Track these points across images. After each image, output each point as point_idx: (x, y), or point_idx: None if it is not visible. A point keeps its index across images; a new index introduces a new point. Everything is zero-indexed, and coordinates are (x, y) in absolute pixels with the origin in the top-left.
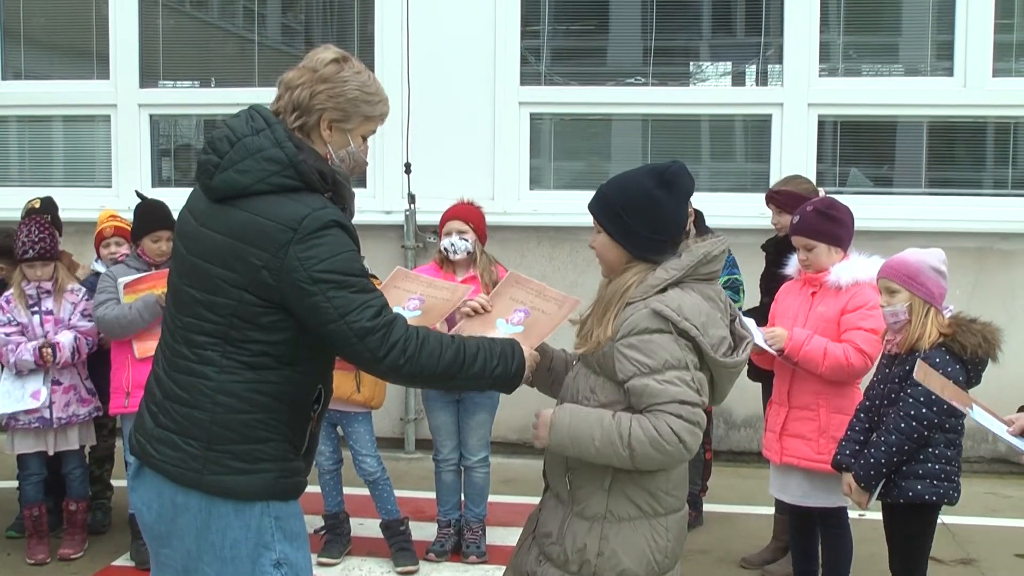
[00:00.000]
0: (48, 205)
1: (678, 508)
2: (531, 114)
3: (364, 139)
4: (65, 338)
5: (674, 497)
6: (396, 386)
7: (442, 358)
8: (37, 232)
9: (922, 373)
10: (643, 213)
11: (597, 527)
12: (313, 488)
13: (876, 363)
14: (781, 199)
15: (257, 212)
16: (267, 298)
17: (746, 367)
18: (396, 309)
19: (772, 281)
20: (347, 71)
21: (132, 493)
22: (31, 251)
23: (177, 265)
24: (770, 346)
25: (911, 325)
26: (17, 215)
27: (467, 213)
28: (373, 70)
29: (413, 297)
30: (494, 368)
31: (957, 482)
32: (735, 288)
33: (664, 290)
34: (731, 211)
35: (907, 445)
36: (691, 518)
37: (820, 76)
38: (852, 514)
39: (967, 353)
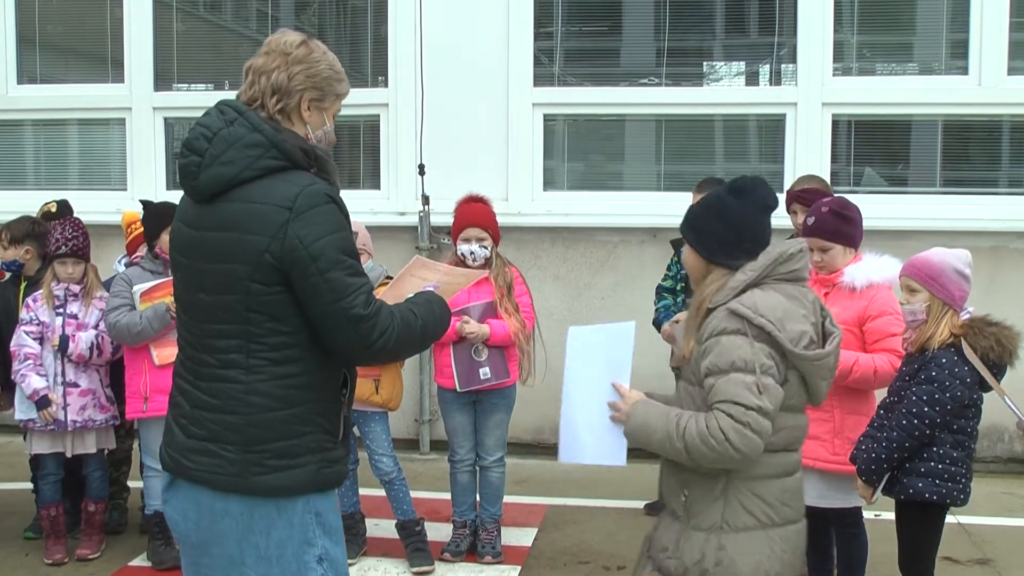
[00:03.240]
0: (64, 208)
1: (795, 519)
2: (544, 115)
3: (333, 118)
4: (85, 334)
5: (790, 508)
6: (411, 388)
7: (414, 335)
8: (71, 230)
9: (968, 352)
10: (714, 218)
11: (714, 538)
12: None
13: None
14: (809, 198)
15: (250, 199)
16: (274, 282)
17: None
18: (410, 295)
19: None
20: (316, 52)
21: (166, 505)
22: (64, 247)
23: (182, 277)
24: None
25: (926, 325)
26: None
27: (484, 218)
28: (387, 73)
29: (428, 285)
30: (435, 327)
31: (964, 484)
32: None
33: (743, 292)
34: None
35: (908, 443)
36: None
37: (834, 75)
38: (867, 514)
39: (977, 354)
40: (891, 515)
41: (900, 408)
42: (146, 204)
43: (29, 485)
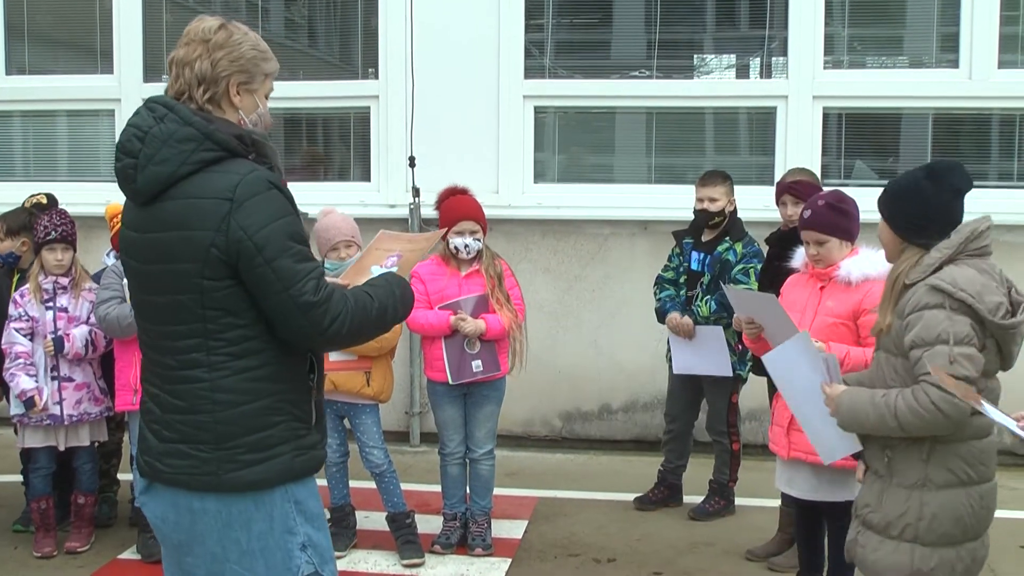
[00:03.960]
0: (52, 202)
1: (989, 478)
2: (535, 107)
3: (266, 98)
4: (79, 331)
5: (984, 467)
6: (402, 380)
7: (369, 319)
8: (59, 218)
9: (936, 373)
10: (908, 198)
11: (916, 494)
12: (319, 480)
13: None
14: (801, 190)
15: (189, 195)
16: (224, 276)
17: (751, 361)
18: (375, 269)
19: (774, 274)
20: (237, 34)
21: (145, 508)
22: (54, 232)
23: (134, 281)
24: None
25: None
26: None
27: (477, 210)
28: (377, 65)
29: (392, 255)
30: (395, 307)
31: None
32: (747, 273)
33: (939, 268)
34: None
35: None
36: (721, 506)
37: (825, 68)
38: None
39: None
40: None
41: None
42: None
43: (17, 478)
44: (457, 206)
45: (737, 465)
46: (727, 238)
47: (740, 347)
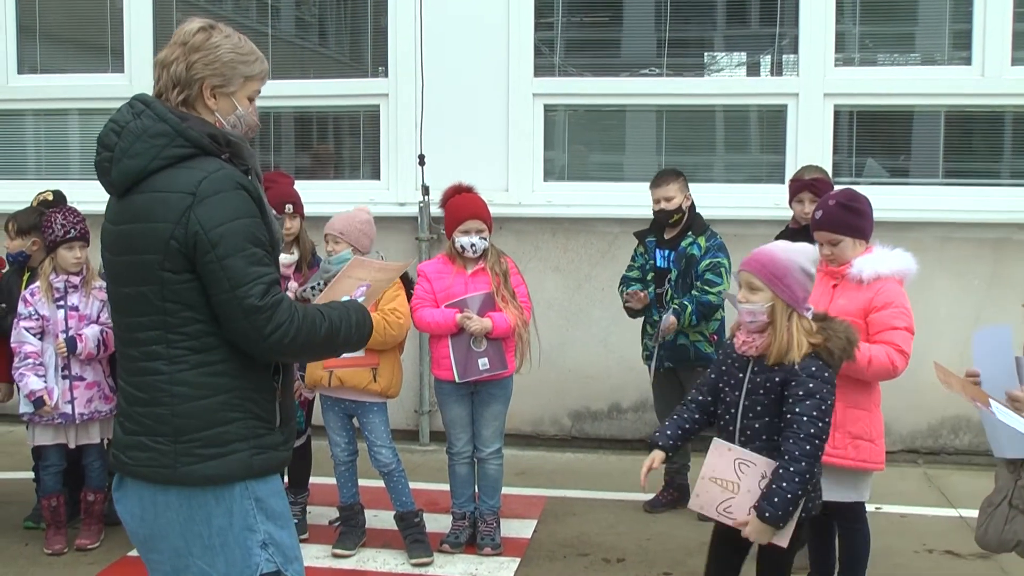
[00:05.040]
0: (60, 198)
1: None
2: (545, 105)
3: (251, 100)
4: (90, 331)
5: None
6: (411, 379)
7: (317, 336)
8: (73, 216)
9: (942, 374)
10: None
11: None
12: (328, 479)
13: (723, 359)
14: (821, 188)
15: (157, 188)
16: (183, 269)
17: None
18: (345, 298)
19: None
20: (216, 36)
21: (117, 504)
22: (73, 231)
23: (108, 273)
24: None
25: (774, 330)
26: None
27: (483, 209)
28: (387, 63)
29: (362, 284)
30: (348, 331)
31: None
32: (717, 272)
33: None
34: (746, 202)
35: (816, 467)
36: None
37: (836, 66)
38: (868, 507)
39: (834, 358)
40: (893, 508)
41: (793, 436)
42: None
43: (28, 474)
44: (463, 205)
45: None
46: (689, 233)
47: (715, 337)
